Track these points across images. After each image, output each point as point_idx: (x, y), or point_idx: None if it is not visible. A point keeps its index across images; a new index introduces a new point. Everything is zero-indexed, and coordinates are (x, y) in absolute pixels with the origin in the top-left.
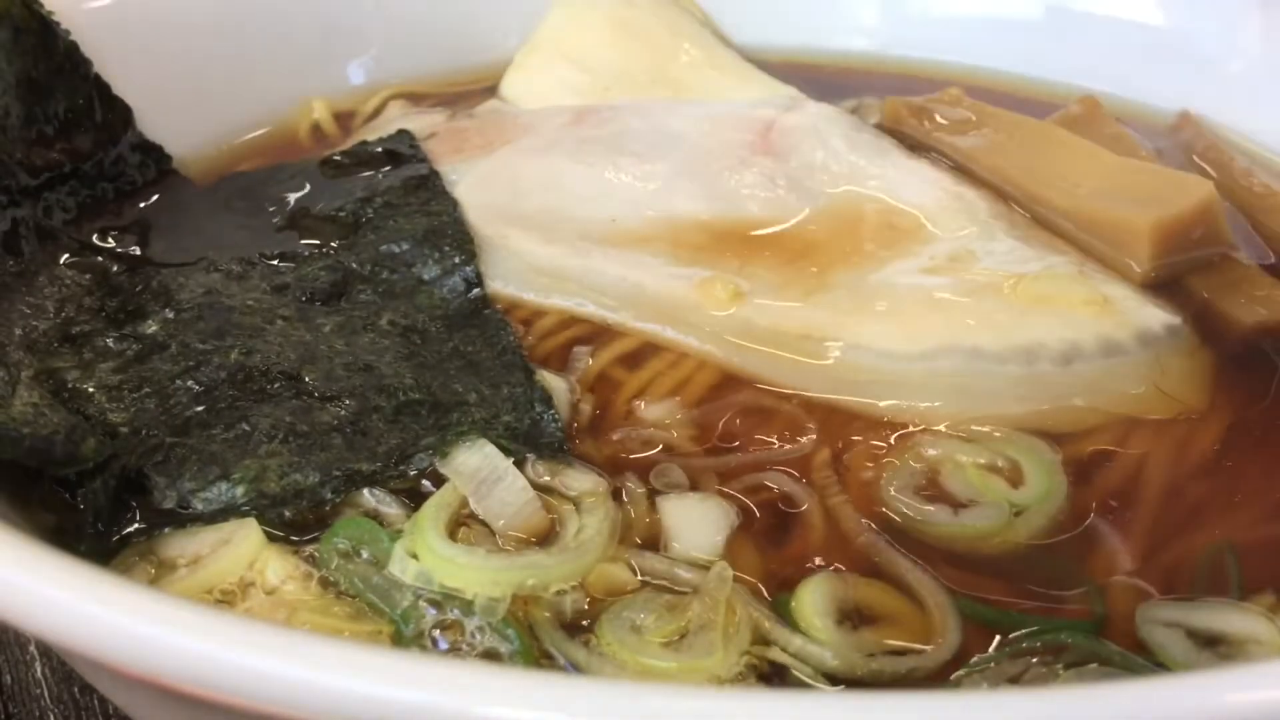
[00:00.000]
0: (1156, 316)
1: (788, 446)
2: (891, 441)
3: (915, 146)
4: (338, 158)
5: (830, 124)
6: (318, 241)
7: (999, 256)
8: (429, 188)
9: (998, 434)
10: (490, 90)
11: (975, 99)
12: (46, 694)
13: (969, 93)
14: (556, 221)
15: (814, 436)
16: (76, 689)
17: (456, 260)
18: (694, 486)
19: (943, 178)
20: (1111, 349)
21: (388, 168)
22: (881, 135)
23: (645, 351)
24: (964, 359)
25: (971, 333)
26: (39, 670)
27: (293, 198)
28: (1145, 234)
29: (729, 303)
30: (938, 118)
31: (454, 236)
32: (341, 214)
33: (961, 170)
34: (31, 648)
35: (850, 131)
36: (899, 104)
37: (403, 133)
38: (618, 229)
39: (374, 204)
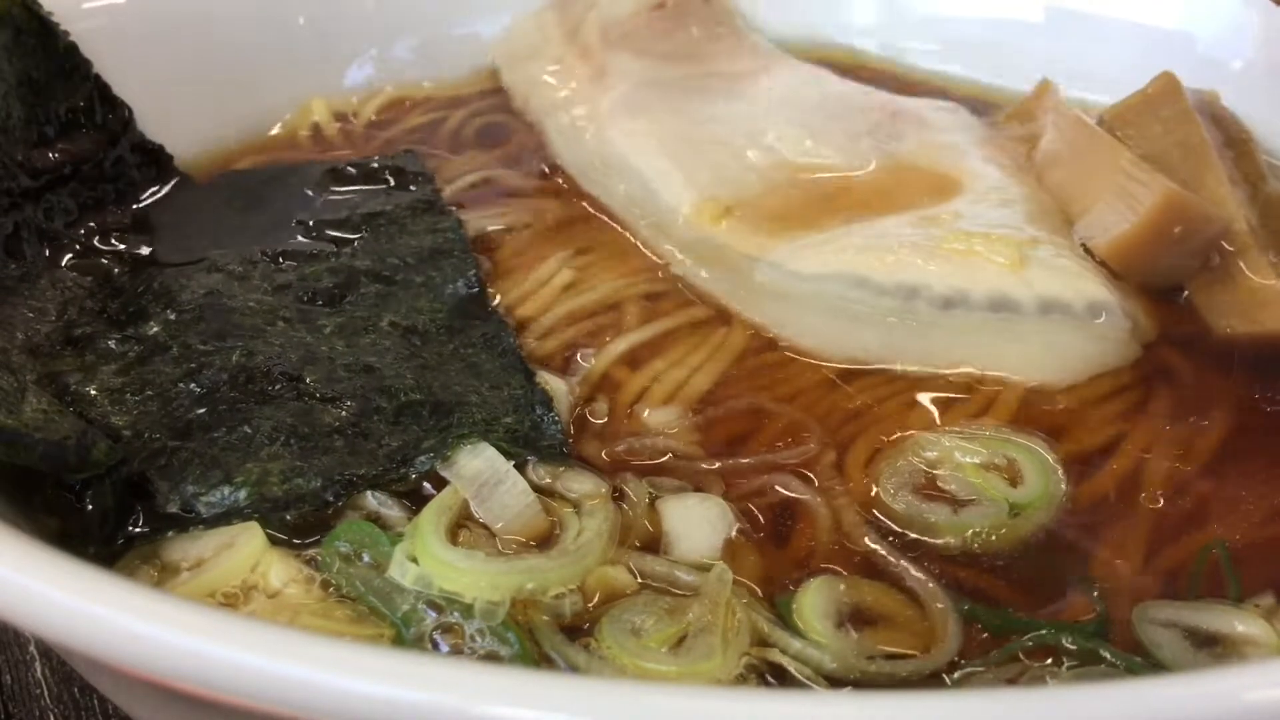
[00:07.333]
0: (1081, 293)
1: (787, 449)
2: (891, 441)
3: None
4: (346, 169)
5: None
6: (319, 241)
7: (984, 220)
8: (435, 211)
9: (996, 433)
10: (491, 91)
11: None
12: (46, 694)
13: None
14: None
15: (813, 439)
16: (76, 689)
17: (460, 278)
18: (695, 488)
19: (1009, 181)
20: (1001, 304)
21: (392, 186)
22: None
23: (647, 352)
24: (848, 286)
25: (866, 266)
26: (39, 670)
27: (295, 201)
28: (1112, 260)
29: (712, 222)
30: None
31: (459, 256)
32: (344, 227)
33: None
34: (31, 648)
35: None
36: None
37: (409, 152)
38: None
39: (377, 221)
